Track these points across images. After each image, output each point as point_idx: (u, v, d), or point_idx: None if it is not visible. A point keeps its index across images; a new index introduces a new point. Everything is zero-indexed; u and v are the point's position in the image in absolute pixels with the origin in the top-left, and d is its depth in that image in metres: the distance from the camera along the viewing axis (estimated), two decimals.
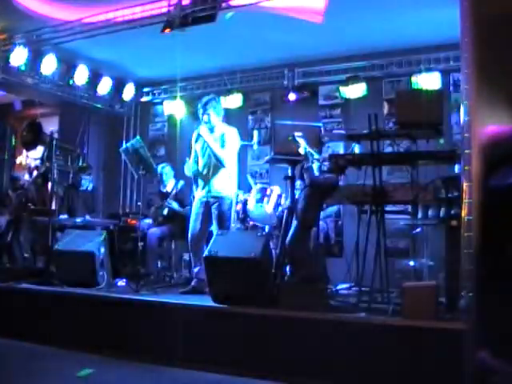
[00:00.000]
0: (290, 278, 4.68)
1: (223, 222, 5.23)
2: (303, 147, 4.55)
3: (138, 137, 7.08)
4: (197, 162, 5.48)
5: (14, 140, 9.38)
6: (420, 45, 6.61)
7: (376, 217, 4.26)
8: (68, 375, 3.94)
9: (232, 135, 5.36)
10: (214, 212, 5.28)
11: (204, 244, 5.23)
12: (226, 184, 5.34)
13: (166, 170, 6.82)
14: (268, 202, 5.65)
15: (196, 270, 5.33)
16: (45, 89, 7.58)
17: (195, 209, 5.42)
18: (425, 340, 3.44)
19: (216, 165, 5.31)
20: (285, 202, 5.49)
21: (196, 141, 5.48)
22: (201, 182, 5.43)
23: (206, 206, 5.34)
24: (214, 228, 5.27)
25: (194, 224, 5.36)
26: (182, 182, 6.51)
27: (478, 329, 2.72)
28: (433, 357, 3.35)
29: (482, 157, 2.86)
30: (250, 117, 8.02)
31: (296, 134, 4.61)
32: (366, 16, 5.90)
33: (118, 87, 8.36)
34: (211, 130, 5.35)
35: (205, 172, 5.40)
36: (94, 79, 7.95)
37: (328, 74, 7.36)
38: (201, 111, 5.39)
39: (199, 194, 5.43)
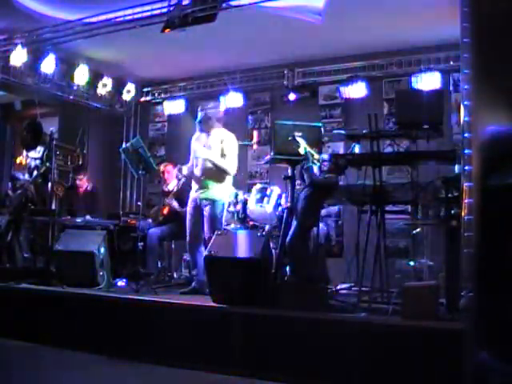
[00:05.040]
0: (290, 277, 4.67)
1: (214, 226, 5.19)
2: (303, 147, 4.55)
3: (137, 137, 7.09)
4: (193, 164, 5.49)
5: (13, 140, 9.37)
6: (420, 45, 6.62)
7: (376, 217, 4.26)
8: (68, 375, 3.94)
9: (231, 141, 5.37)
10: (205, 215, 5.27)
11: (200, 246, 5.23)
12: (219, 187, 5.33)
13: (168, 168, 6.84)
14: (268, 202, 5.65)
15: (194, 272, 5.33)
16: (45, 89, 7.58)
17: (189, 210, 5.43)
18: (425, 340, 3.44)
19: (211, 168, 5.31)
20: (285, 202, 5.49)
21: (192, 142, 5.48)
22: (195, 185, 5.43)
23: (198, 208, 5.34)
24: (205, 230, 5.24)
25: (191, 227, 5.38)
26: (182, 180, 6.49)
27: (478, 329, 2.72)
28: (433, 357, 3.35)
29: (482, 157, 2.86)
30: (249, 117, 8.03)
31: (296, 134, 4.61)
32: (366, 16, 5.90)
33: (118, 87, 8.36)
34: (208, 134, 5.37)
35: (199, 174, 5.39)
36: (94, 79, 7.95)
37: (328, 74, 7.37)
38: (203, 117, 5.42)
39: (192, 195, 5.44)
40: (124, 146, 6.00)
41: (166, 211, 6.52)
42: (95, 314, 4.71)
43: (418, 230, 5.42)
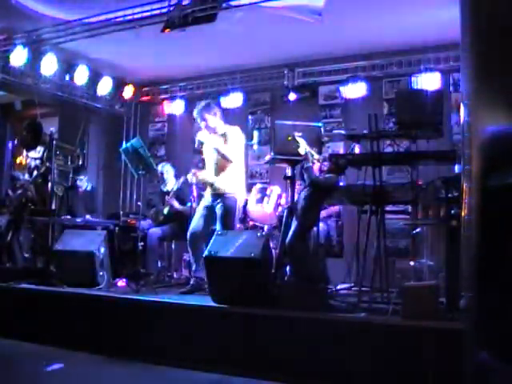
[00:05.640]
0: (290, 277, 4.68)
1: (227, 223, 5.16)
2: (303, 147, 4.55)
3: (137, 137, 7.09)
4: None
5: (14, 140, 9.37)
6: (420, 45, 6.62)
7: (376, 217, 4.26)
8: (68, 375, 3.94)
9: (234, 133, 5.36)
10: (218, 212, 5.25)
11: (203, 243, 5.22)
12: (230, 183, 5.29)
13: (166, 169, 6.85)
14: (268, 202, 5.66)
15: (193, 268, 5.33)
16: (45, 89, 7.58)
17: (199, 210, 5.41)
18: (425, 340, 3.44)
19: (221, 165, 5.30)
20: (285, 202, 5.49)
21: (199, 145, 5.49)
22: (208, 188, 5.41)
23: (210, 208, 5.32)
24: (218, 228, 5.21)
25: (195, 222, 5.35)
26: (182, 179, 6.48)
27: (478, 329, 2.72)
28: (433, 357, 3.35)
29: (482, 157, 2.86)
30: (249, 117, 8.02)
31: (296, 134, 4.61)
32: (366, 16, 5.90)
33: (118, 87, 8.36)
34: (213, 131, 5.36)
35: (209, 174, 5.39)
36: (94, 79, 7.95)
37: (328, 74, 7.36)
38: (199, 119, 5.40)
39: (205, 197, 5.41)
40: (124, 146, 6.00)
41: (166, 211, 6.52)
42: (95, 314, 4.71)
43: (418, 230, 5.42)
